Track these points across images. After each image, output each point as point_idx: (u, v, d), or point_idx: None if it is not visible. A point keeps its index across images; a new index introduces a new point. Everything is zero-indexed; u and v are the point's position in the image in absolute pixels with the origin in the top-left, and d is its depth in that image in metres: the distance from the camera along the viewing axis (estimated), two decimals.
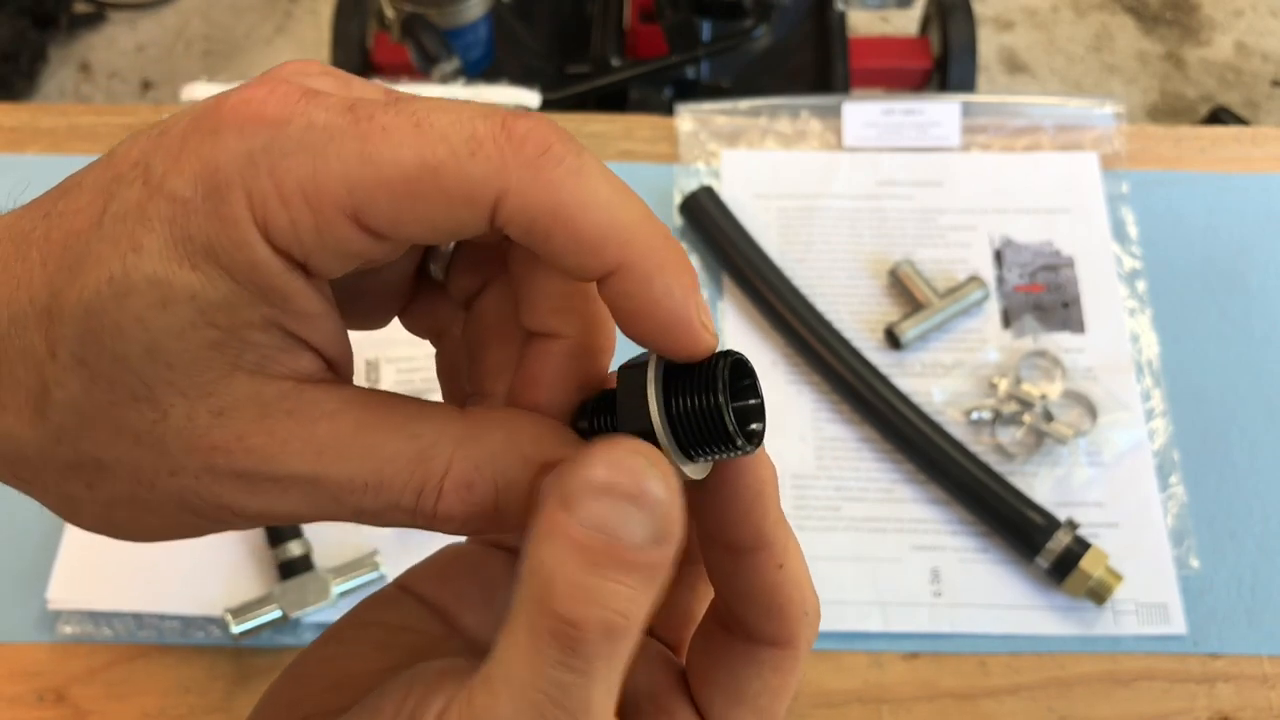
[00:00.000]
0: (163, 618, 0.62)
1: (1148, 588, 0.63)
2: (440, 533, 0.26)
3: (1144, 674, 0.61)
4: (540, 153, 0.23)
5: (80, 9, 1.94)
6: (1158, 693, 0.61)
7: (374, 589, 0.62)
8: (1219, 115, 1.75)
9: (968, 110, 0.80)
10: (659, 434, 0.24)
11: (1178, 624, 0.62)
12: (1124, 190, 0.77)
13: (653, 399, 0.24)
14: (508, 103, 0.22)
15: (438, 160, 0.22)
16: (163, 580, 0.63)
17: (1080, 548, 0.62)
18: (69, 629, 0.62)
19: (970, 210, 0.76)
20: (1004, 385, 0.69)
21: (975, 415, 0.68)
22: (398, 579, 0.30)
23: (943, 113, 0.80)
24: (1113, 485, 0.66)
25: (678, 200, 0.75)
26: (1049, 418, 0.67)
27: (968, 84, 1.32)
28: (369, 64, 1.25)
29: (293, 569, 0.62)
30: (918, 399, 0.67)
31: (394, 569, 0.62)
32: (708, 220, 0.73)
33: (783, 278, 0.72)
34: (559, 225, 0.23)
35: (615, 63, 1.16)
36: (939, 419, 0.67)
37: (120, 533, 0.26)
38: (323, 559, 0.63)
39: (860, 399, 0.67)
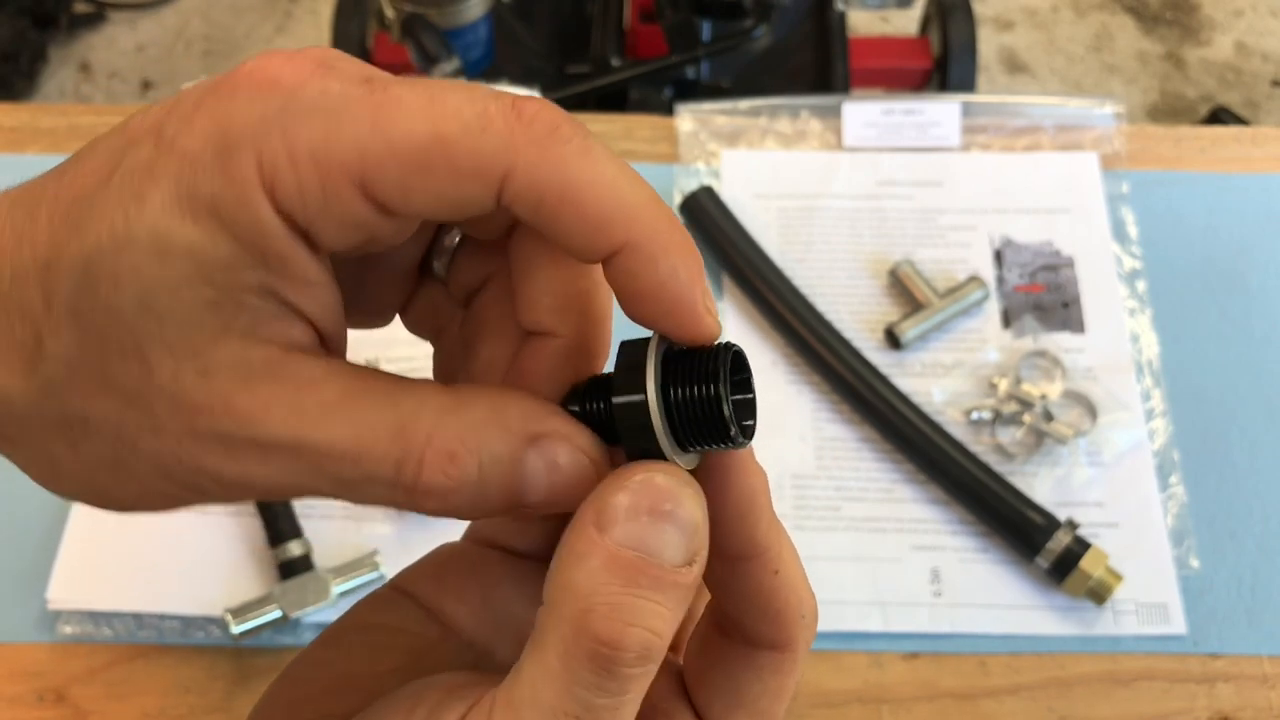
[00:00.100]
0: (163, 618, 0.62)
1: (1148, 588, 0.63)
2: (424, 513, 0.25)
3: (1144, 674, 0.61)
4: (549, 131, 0.23)
5: (80, 9, 1.94)
6: (1158, 693, 0.61)
7: (374, 589, 0.62)
8: (1219, 115, 1.75)
9: (968, 110, 0.80)
10: (654, 418, 0.24)
11: (1178, 624, 0.62)
12: (1124, 190, 0.77)
13: (651, 382, 0.24)
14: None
15: (450, 133, 0.23)
16: (163, 580, 0.63)
17: (1080, 548, 0.62)
18: (69, 629, 0.62)
19: (970, 210, 0.76)
20: (1004, 385, 0.69)
21: (975, 415, 0.68)
22: (393, 580, 0.30)
23: (943, 113, 0.80)
24: (1113, 485, 0.66)
25: (678, 200, 0.75)
26: (1049, 418, 0.67)
27: (968, 84, 1.32)
28: (369, 64, 1.25)
29: (293, 569, 0.62)
30: (918, 399, 0.67)
31: (394, 569, 0.62)
32: (708, 220, 0.73)
33: (783, 278, 0.72)
34: (567, 201, 0.23)
35: (615, 63, 1.16)
36: (939, 419, 0.67)
37: (99, 499, 0.25)
38: (323, 559, 0.63)
39: (860, 399, 0.67)
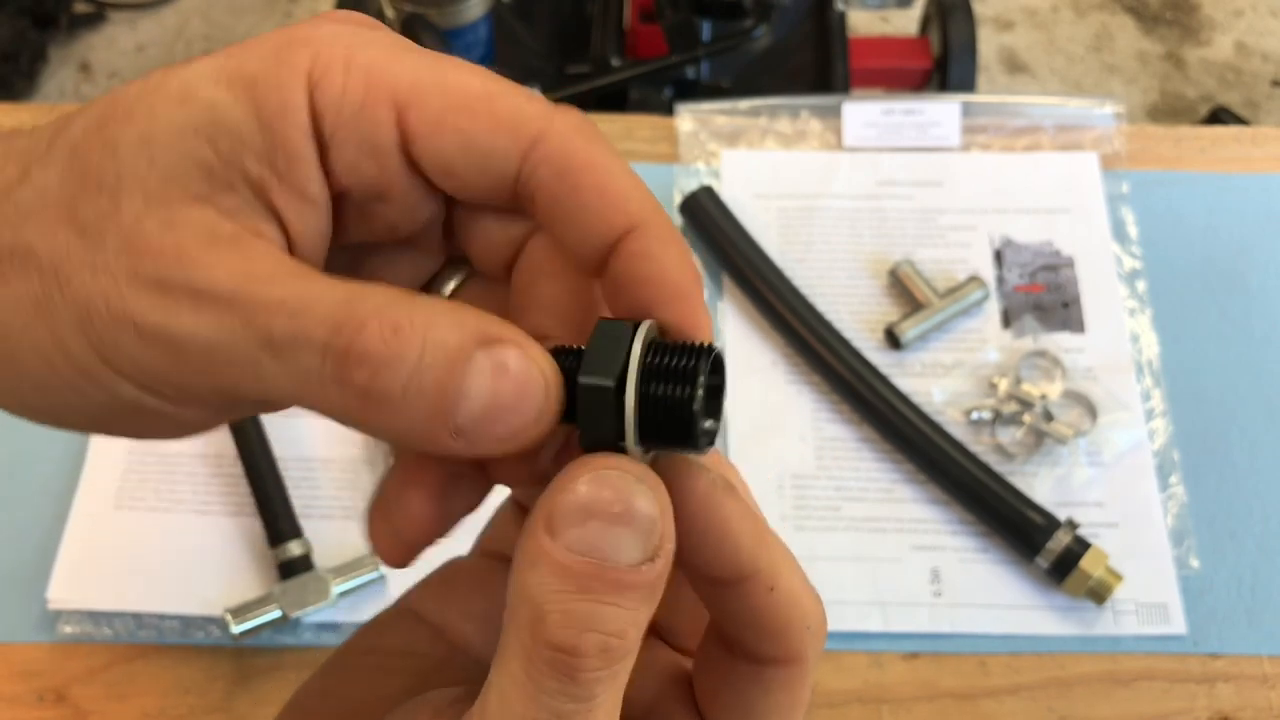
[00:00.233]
0: (163, 618, 0.62)
1: (1148, 588, 0.63)
2: (345, 409, 0.22)
3: (1144, 674, 0.61)
4: (581, 120, 0.25)
5: (80, 9, 1.94)
6: (1158, 693, 0.61)
7: (374, 588, 0.63)
8: (1219, 115, 1.75)
9: (968, 110, 0.80)
10: (628, 409, 0.22)
11: (1178, 624, 0.62)
12: (1124, 190, 0.77)
13: (634, 369, 0.23)
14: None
15: (497, 90, 0.24)
16: (163, 580, 0.63)
17: (1080, 548, 0.62)
18: (69, 629, 0.62)
19: (970, 210, 0.76)
20: (1004, 385, 0.69)
21: (975, 415, 0.68)
22: (400, 599, 0.30)
23: (943, 113, 0.80)
24: (1113, 485, 0.66)
25: (678, 200, 0.75)
26: (1049, 418, 0.67)
27: (968, 84, 1.32)
28: None
29: (292, 569, 0.62)
30: (918, 399, 0.67)
31: (394, 569, 0.62)
32: (708, 220, 0.73)
33: (783, 278, 0.72)
34: (589, 175, 0.24)
35: (615, 63, 1.16)
36: (939, 419, 0.67)
37: None
38: (323, 559, 0.63)
39: (860, 399, 0.67)
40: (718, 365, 0.24)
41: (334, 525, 0.65)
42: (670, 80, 1.13)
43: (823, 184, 0.77)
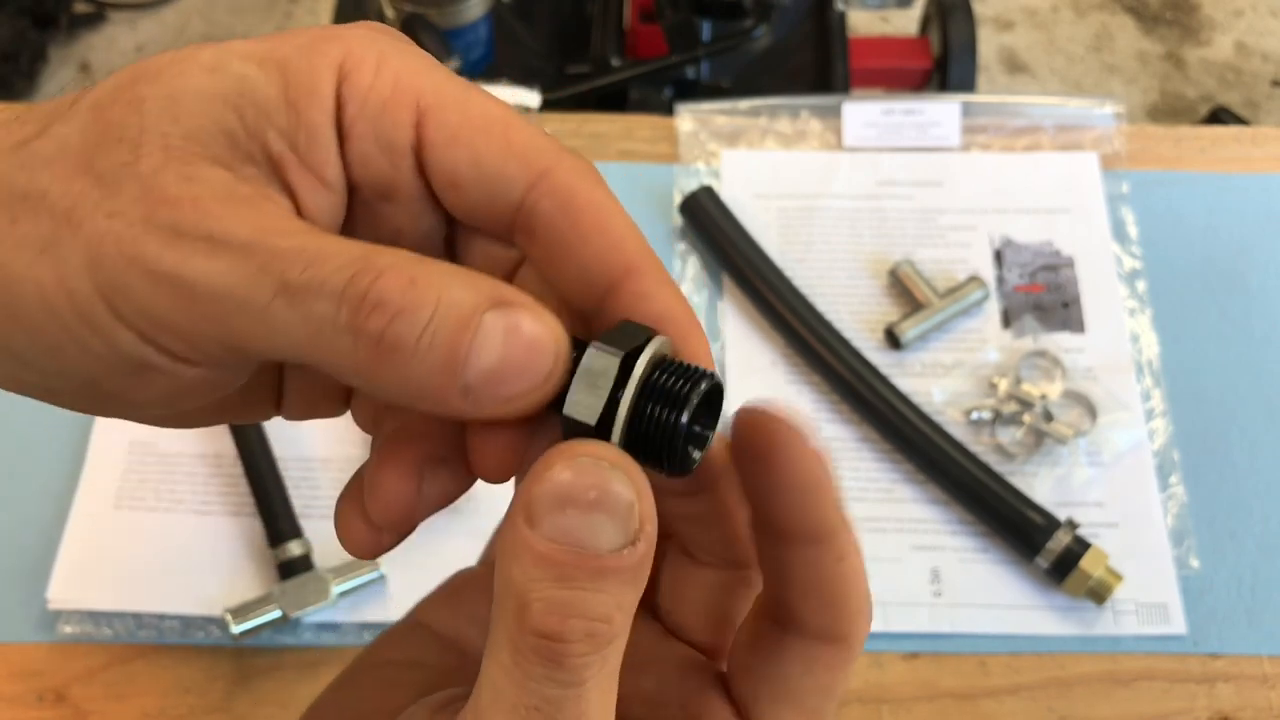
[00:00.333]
0: (162, 618, 0.62)
1: (1148, 588, 0.63)
2: (356, 361, 0.22)
3: (1144, 674, 0.61)
4: (589, 165, 0.26)
5: (80, 9, 1.94)
6: (1158, 693, 0.61)
7: (374, 588, 0.63)
8: (1219, 115, 1.75)
9: (968, 110, 0.80)
10: (621, 409, 0.23)
11: (1178, 624, 0.62)
12: (1124, 190, 0.77)
13: (639, 371, 0.23)
14: (507, 103, 0.23)
15: (516, 120, 0.25)
16: (163, 580, 0.63)
17: (1080, 548, 0.62)
18: (69, 629, 0.62)
19: (970, 210, 0.76)
20: (1004, 385, 0.69)
21: (975, 415, 0.68)
22: (410, 612, 0.30)
23: (943, 113, 0.80)
24: (1113, 485, 0.66)
25: (678, 200, 0.75)
26: (1049, 418, 0.67)
27: (968, 84, 1.32)
28: None
29: (292, 569, 0.62)
30: (918, 399, 0.67)
31: (394, 569, 0.62)
32: (708, 220, 0.73)
33: (783, 278, 0.72)
34: (591, 213, 0.25)
35: (615, 63, 1.16)
36: (939, 419, 0.67)
37: None
38: (322, 559, 0.63)
39: (860, 399, 0.67)
40: (716, 398, 0.24)
41: (333, 525, 0.64)
42: (670, 80, 1.13)
43: (823, 184, 0.77)
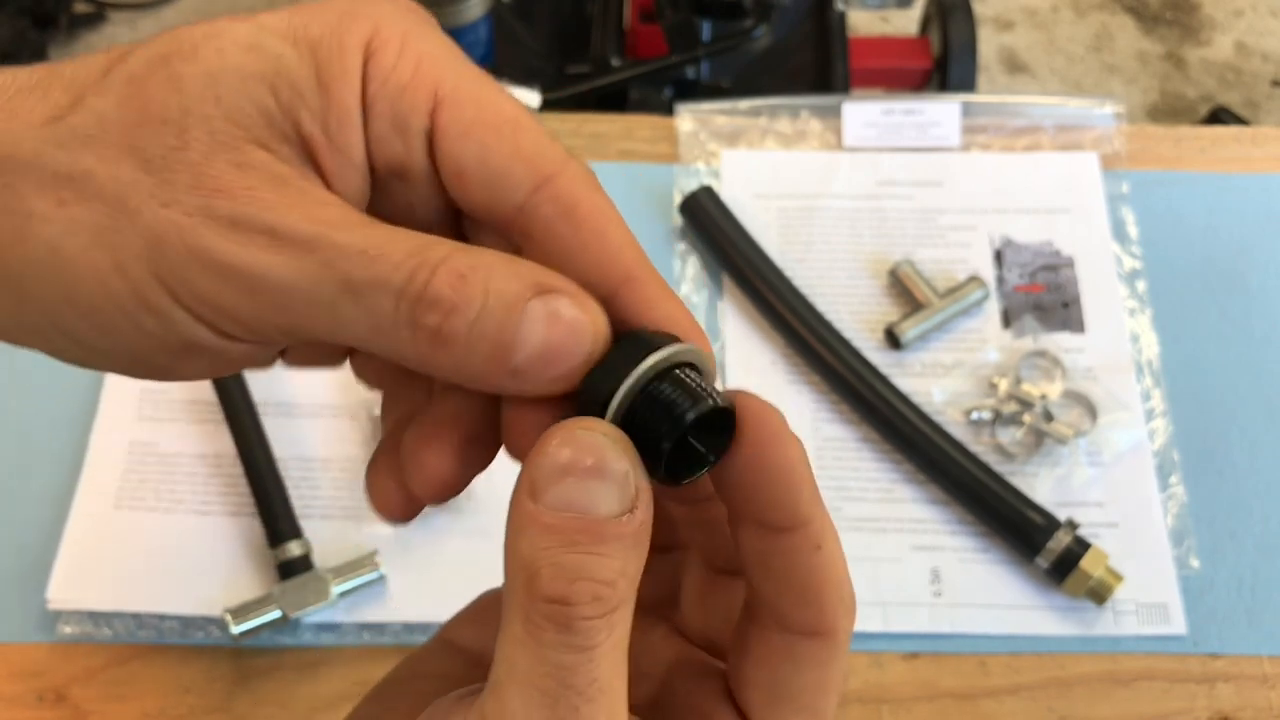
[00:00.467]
0: (162, 618, 0.62)
1: (1148, 588, 0.63)
2: (415, 349, 0.24)
3: (1144, 674, 0.61)
4: (591, 172, 0.26)
5: (80, 9, 1.94)
6: (1158, 693, 0.61)
7: (374, 589, 0.63)
8: (1219, 115, 1.75)
9: (968, 110, 0.80)
10: (619, 393, 0.24)
11: (1178, 624, 0.62)
12: (1124, 190, 0.77)
13: (645, 365, 0.24)
14: (521, 102, 0.23)
15: (528, 122, 0.26)
16: (162, 580, 0.63)
17: (1080, 548, 0.62)
18: (69, 629, 0.62)
19: (970, 210, 0.76)
20: (1004, 385, 0.69)
21: (975, 415, 0.68)
22: (439, 631, 0.31)
23: (943, 113, 0.80)
24: (1113, 485, 0.66)
25: (678, 200, 0.75)
26: (1049, 418, 0.67)
27: (968, 84, 1.32)
28: None
29: (292, 569, 0.62)
30: (918, 399, 0.67)
31: (394, 569, 0.62)
32: (708, 220, 0.73)
33: (783, 278, 0.72)
34: (593, 220, 0.25)
35: (615, 63, 1.16)
36: (939, 419, 0.67)
37: (53, 274, 0.24)
38: (322, 559, 0.63)
39: (860, 399, 0.67)
40: (726, 421, 0.25)
41: (334, 525, 0.64)
42: (670, 80, 1.13)
43: (823, 184, 0.77)
